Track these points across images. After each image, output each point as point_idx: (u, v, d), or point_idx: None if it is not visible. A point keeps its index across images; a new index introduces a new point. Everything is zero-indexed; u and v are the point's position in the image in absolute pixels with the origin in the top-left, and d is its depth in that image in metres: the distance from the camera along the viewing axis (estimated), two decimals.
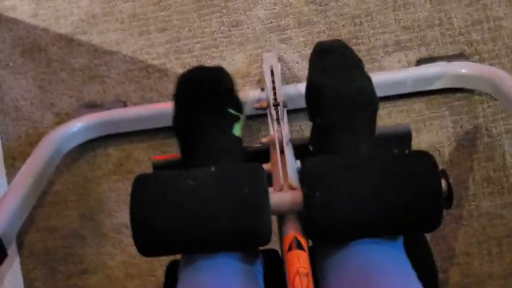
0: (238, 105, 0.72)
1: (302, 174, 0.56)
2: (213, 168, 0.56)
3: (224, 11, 1.03)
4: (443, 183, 0.54)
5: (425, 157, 0.55)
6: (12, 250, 0.94)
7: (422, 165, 0.54)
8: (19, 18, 1.06)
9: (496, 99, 0.97)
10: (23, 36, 1.06)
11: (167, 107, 0.76)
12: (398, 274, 0.50)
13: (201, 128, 0.68)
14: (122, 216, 1.00)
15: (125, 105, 1.02)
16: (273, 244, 0.59)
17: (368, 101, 0.65)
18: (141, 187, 0.55)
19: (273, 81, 0.75)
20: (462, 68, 0.94)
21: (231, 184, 0.54)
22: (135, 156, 1.01)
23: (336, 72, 0.67)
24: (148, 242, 0.54)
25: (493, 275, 0.98)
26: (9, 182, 1.02)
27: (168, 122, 0.74)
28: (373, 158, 0.56)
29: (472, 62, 0.98)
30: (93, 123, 0.97)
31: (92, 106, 1.03)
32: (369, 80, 0.68)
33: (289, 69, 1.01)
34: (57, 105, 1.03)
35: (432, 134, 0.98)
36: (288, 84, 0.98)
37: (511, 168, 0.97)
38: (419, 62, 1.00)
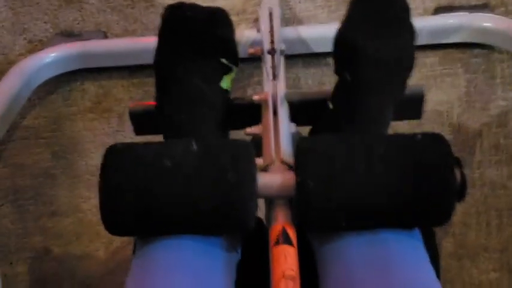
0: (233, 56, 0.63)
1: (296, 157, 0.47)
2: (194, 146, 0.47)
3: None
4: (457, 173, 0.46)
5: (439, 144, 0.47)
6: None
7: (435, 154, 0.46)
8: None
9: None
10: None
11: (152, 41, 0.67)
12: (419, 269, 0.44)
13: (183, 72, 0.59)
14: (98, 157, 0.92)
15: (105, 36, 0.92)
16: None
17: (409, 66, 0.58)
18: (113, 161, 0.47)
19: (271, 26, 0.65)
20: (484, 20, 0.84)
21: (213, 167, 0.46)
22: (113, 93, 0.92)
23: (378, 24, 0.57)
24: (117, 221, 0.47)
25: (489, 248, 0.92)
26: None
27: (152, 59, 0.65)
28: (381, 142, 0.47)
29: (497, 14, 0.87)
30: (70, 53, 0.88)
31: (69, 35, 0.92)
32: (412, 36, 0.58)
33: (290, 8, 0.91)
34: (30, 30, 0.93)
35: (443, 92, 0.89)
36: (287, 26, 0.88)
37: None
38: (437, 10, 0.88)
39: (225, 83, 0.61)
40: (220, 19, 0.63)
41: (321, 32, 0.85)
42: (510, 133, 0.89)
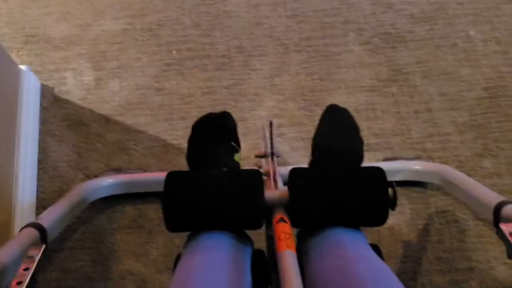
0: (238, 142, 0.96)
1: (290, 178, 0.77)
2: (224, 168, 0.78)
3: (234, 108, 1.32)
4: (390, 190, 0.75)
5: (378, 171, 0.77)
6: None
7: (376, 177, 0.76)
8: (71, 100, 1.34)
9: (446, 195, 1.21)
10: (71, 114, 1.33)
11: None
12: (358, 244, 0.70)
13: (208, 150, 0.89)
14: (128, 264, 1.17)
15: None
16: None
17: (360, 155, 0.90)
18: (172, 179, 0.77)
19: (271, 135, 0.99)
20: (417, 164, 1.20)
21: (238, 178, 0.76)
22: (147, 214, 1.21)
23: (339, 130, 0.91)
24: (175, 221, 0.74)
25: None
26: None
27: None
28: (342, 170, 0.79)
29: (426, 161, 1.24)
30: (116, 181, 1.19)
31: (117, 171, 1.25)
32: (362, 142, 0.92)
33: (281, 156, 1.26)
34: (89, 168, 1.26)
35: (393, 217, 1.20)
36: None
37: (456, 251, 1.16)
38: (385, 160, 1.25)
39: (236, 158, 0.92)
40: (228, 117, 0.97)
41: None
42: (447, 248, 1.17)
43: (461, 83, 1.38)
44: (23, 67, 1.30)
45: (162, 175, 1.25)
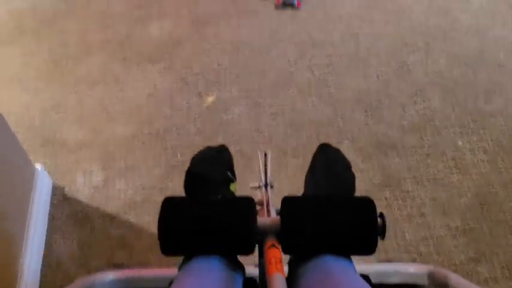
0: (233, 173, 1.00)
1: (282, 206, 0.79)
2: (219, 196, 0.82)
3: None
4: (380, 221, 0.76)
5: (368, 202, 0.78)
6: None
7: (366, 206, 0.77)
8: (79, 198, 1.41)
9: None
10: (78, 211, 1.39)
11: (172, 272, 0.96)
12: (347, 273, 0.71)
13: (205, 180, 0.92)
14: None
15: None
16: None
17: (349, 189, 0.94)
18: (169, 204, 0.78)
19: (265, 166, 1.01)
20: (411, 267, 1.22)
21: (232, 204, 0.78)
22: None
23: (331, 165, 0.96)
24: (170, 245, 0.75)
25: None
26: None
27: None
28: (333, 199, 0.80)
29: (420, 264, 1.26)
30: (117, 277, 1.22)
31: (118, 267, 1.28)
32: (353, 176, 0.96)
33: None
34: (91, 263, 1.29)
35: None
36: None
37: None
38: (379, 261, 1.28)
39: (232, 188, 0.95)
40: (225, 150, 1.01)
41: None
42: None
43: (452, 189, 1.44)
44: (38, 167, 1.39)
45: (162, 271, 1.29)
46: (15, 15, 1.98)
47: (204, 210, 0.78)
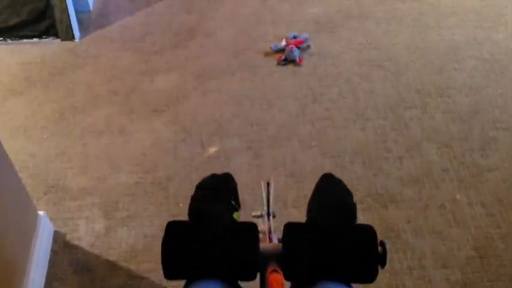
0: (238, 201, 1.00)
1: (284, 232, 0.79)
2: (223, 225, 0.83)
3: None
4: (380, 249, 0.76)
5: (369, 230, 0.79)
6: None
7: (367, 234, 0.78)
8: (80, 245, 1.42)
9: None
10: (79, 259, 1.39)
11: None
12: None
13: (210, 208, 0.92)
14: None
15: None
16: None
17: (351, 216, 0.93)
18: (172, 229, 0.79)
19: (268, 195, 1.02)
20: None
21: (234, 229, 0.79)
22: None
23: (333, 193, 0.97)
24: (173, 269, 0.75)
25: None
26: None
27: None
28: (334, 226, 0.81)
29: None
30: None
31: None
32: (355, 205, 0.95)
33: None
34: None
35: None
36: None
37: None
38: None
39: (235, 216, 0.95)
40: (230, 178, 1.02)
41: None
42: None
43: (451, 242, 1.45)
44: (41, 213, 1.40)
45: None
46: (25, 67, 2.05)
47: (207, 236, 0.79)
